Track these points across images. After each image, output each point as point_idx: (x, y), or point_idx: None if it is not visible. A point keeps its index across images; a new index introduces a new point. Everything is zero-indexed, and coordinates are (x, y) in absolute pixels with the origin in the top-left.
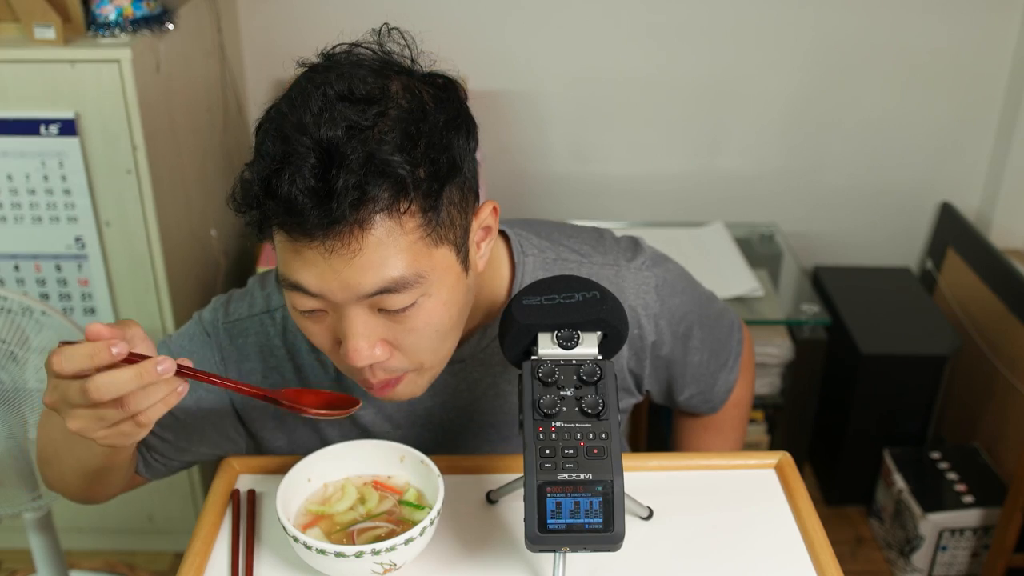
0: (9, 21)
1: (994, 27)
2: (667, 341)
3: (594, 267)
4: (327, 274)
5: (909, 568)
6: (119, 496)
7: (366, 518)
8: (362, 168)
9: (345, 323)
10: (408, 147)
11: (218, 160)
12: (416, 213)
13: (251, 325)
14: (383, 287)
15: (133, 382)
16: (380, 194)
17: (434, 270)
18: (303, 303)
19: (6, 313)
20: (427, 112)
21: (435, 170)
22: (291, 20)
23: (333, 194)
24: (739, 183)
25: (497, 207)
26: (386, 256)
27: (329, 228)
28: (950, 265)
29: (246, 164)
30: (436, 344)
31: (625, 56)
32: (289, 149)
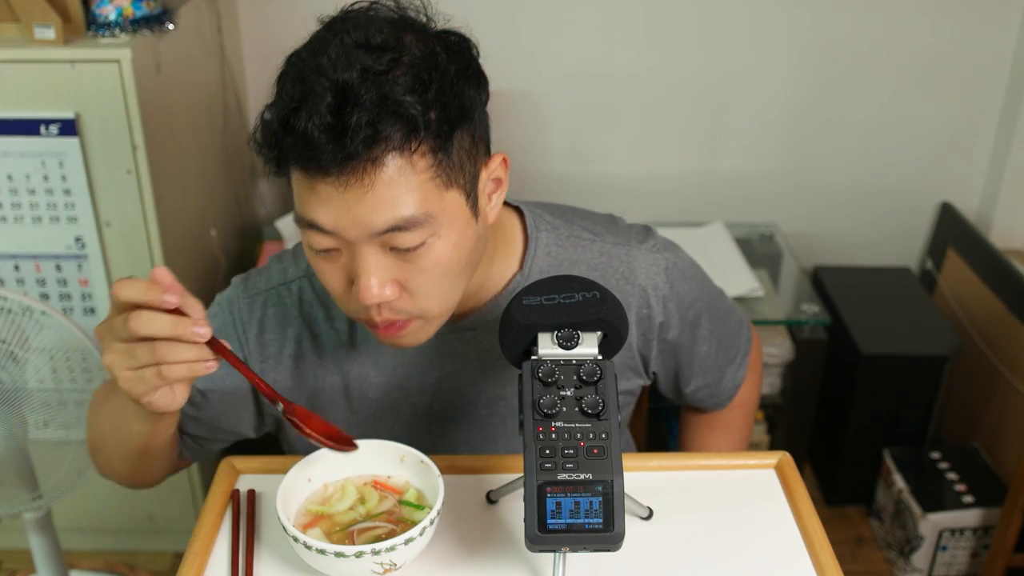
0: (9, 21)
1: (994, 27)
2: (675, 324)
3: (606, 245)
4: (341, 211)
5: (909, 568)
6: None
7: (366, 518)
8: (375, 107)
9: (358, 261)
10: (420, 90)
11: (218, 160)
12: (427, 153)
13: (269, 297)
14: (394, 225)
15: (168, 328)
16: (392, 133)
17: (444, 212)
18: (319, 242)
19: (6, 313)
20: (439, 61)
21: (446, 114)
22: (291, 20)
23: (347, 130)
24: (739, 183)
25: (507, 159)
26: (398, 194)
27: (343, 164)
28: (950, 265)
29: (266, 106)
30: (443, 288)
31: (625, 56)
32: (307, 89)
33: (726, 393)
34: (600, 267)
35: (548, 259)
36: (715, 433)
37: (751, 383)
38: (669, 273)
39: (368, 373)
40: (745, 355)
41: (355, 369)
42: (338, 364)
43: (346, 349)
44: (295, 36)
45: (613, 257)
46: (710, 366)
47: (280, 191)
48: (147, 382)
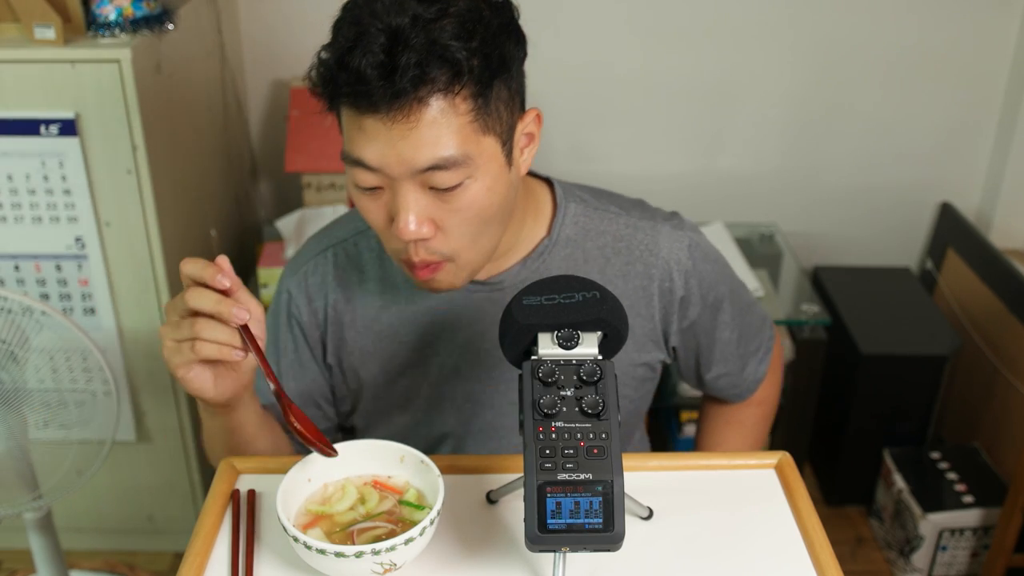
0: (9, 21)
1: (994, 27)
2: (696, 303)
3: (632, 219)
4: (386, 147)
5: (909, 568)
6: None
7: (366, 518)
8: (424, 50)
9: (398, 199)
10: (465, 38)
11: (218, 160)
12: (468, 98)
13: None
14: (434, 163)
15: (210, 304)
16: (438, 75)
17: (480, 155)
18: (364, 179)
19: (6, 313)
20: (483, 15)
21: (487, 63)
22: (291, 20)
23: (397, 69)
24: (739, 183)
25: (540, 115)
26: (439, 134)
27: (392, 101)
28: (950, 265)
29: (323, 47)
30: (476, 231)
31: (626, 56)
32: (362, 31)
33: (748, 385)
34: (625, 238)
35: (575, 228)
36: (731, 428)
37: (771, 382)
38: (692, 250)
39: (398, 333)
40: (768, 351)
41: (387, 330)
42: (370, 326)
43: (377, 310)
44: (295, 36)
45: (638, 230)
46: (731, 354)
47: (280, 191)
48: (182, 354)
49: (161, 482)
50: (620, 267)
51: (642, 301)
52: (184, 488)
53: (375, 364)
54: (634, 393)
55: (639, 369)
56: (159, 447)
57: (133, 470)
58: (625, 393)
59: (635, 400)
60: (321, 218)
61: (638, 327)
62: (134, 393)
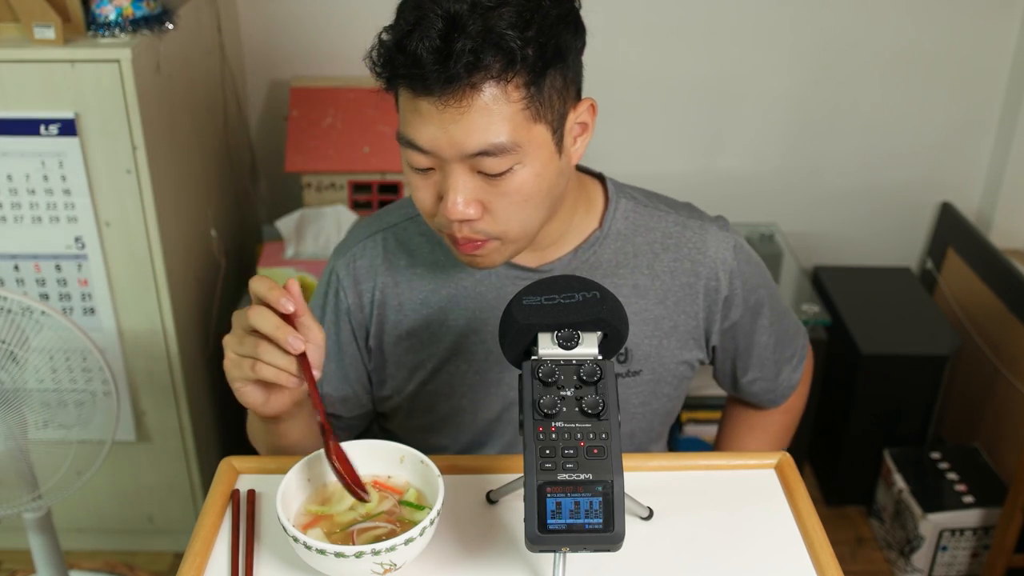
0: (9, 21)
1: (994, 27)
2: (739, 304)
3: (681, 217)
4: (439, 130)
5: (909, 568)
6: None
7: (366, 518)
8: (480, 37)
9: (448, 180)
10: (521, 27)
11: (218, 160)
12: (520, 86)
13: (358, 251)
14: (484, 149)
15: (271, 327)
16: (492, 63)
17: (530, 143)
18: (417, 160)
19: (6, 313)
20: (542, 5)
21: (542, 52)
22: (291, 20)
23: (452, 54)
24: (739, 183)
25: (595, 105)
26: (490, 121)
27: (446, 85)
28: (950, 265)
29: (384, 28)
30: (523, 214)
31: (625, 56)
32: (421, 15)
33: (781, 391)
34: (674, 236)
35: (626, 222)
36: (754, 433)
37: (800, 393)
38: (737, 251)
39: (447, 317)
40: (801, 360)
41: (435, 314)
42: (416, 310)
43: (425, 294)
44: (295, 36)
45: (687, 228)
46: (767, 359)
47: (280, 191)
48: (241, 370)
49: (161, 482)
50: (668, 263)
51: (688, 298)
52: (184, 488)
53: (422, 347)
54: (673, 391)
55: (680, 367)
56: (159, 447)
57: (133, 470)
58: (665, 391)
59: (672, 398)
60: (321, 218)
61: (682, 324)
62: (134, 393)
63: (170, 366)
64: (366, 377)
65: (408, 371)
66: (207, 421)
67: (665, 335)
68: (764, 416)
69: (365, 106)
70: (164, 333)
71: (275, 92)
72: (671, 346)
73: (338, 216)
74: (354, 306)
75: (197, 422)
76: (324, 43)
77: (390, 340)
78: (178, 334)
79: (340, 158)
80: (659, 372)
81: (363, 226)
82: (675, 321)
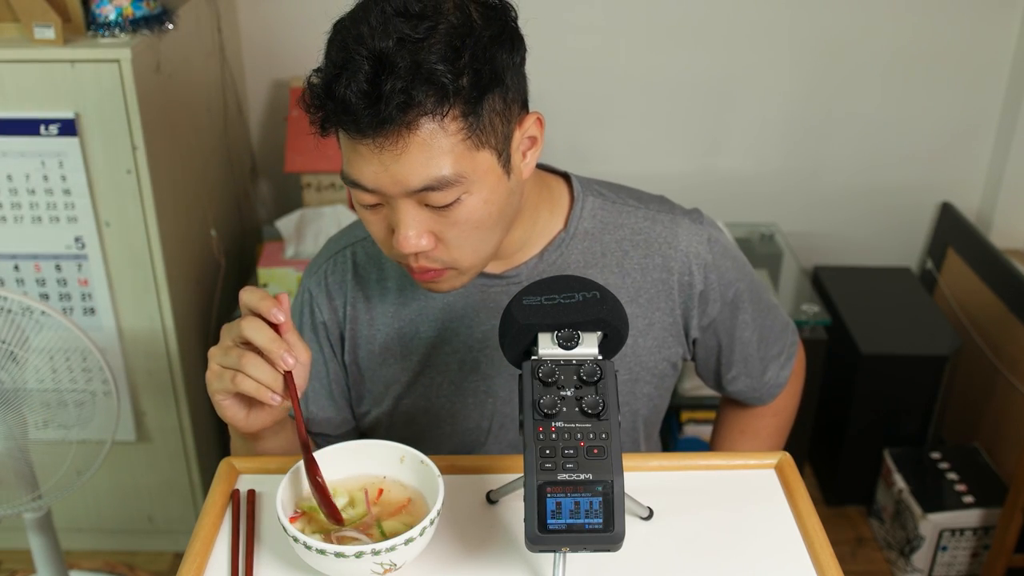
0: (9, 21)
1: (994, 27)
2: (715, 299)
3: (650, 211)
4: (379, 170)
5: (909, 568)
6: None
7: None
8: (409, 75)
9: (397, 215)
10: (452, 57)
11: (218, 160)
12: (458, 118)
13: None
14: (427, 184)
15: (265, 340)
16: (424, 99)
17: (475, 171)
18: (363, 198)
19: (6, 313)
20: (474, 27)
21: (477, 79)
22: (291, 20)
23: (382, 97)
24: (739, 183)
25: (542, 118)
26: (430, 156)
27: (379, 128)
28: (950, 265)
29: (313, 70)
30: (475, 241)
31: (625, 56)
32: (347, 57)
33: (768, 390)
34: (644, 231)
35: (593, 221)
36: (746, 437)
37: (791, 392)
38: (712, 245)
39: (418, 329)
40: (790, 358)
41: (406, 327)
42: (388, 324)
43: (396, 307)
44: (295, 36)
45: (657, 223)
46: (751, 355)
47: (280, 191)
48: (222, 381)
49: (161, 482)
50: (638, 260)
51: (662, 295)
52: (184, 488)
53: (395, 361)
54: (654, 391)
55: (660, 365)
56: (159, 447)
57: (133, 470)
58: (644, 391)
59: (655, 398)
60: (321, 218)
61: (658, 322)
62: (134, 393)
63: (170, 366)
64: (347, 390)
65: (384, 385)
66: (207, 421)
67: (640, 334)
68: (755, 419)
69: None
70: (164, 333)
71: (275, 92)
72: (647, 345)
73: (338, 216)
74: (329, 321)
75: (197, 422)
76: (324, 43)
77: (364, 354)
78: (178, 334)
79: (340, 158)
80: (636, 371)
81: (332, 241)
82: (650, 319)
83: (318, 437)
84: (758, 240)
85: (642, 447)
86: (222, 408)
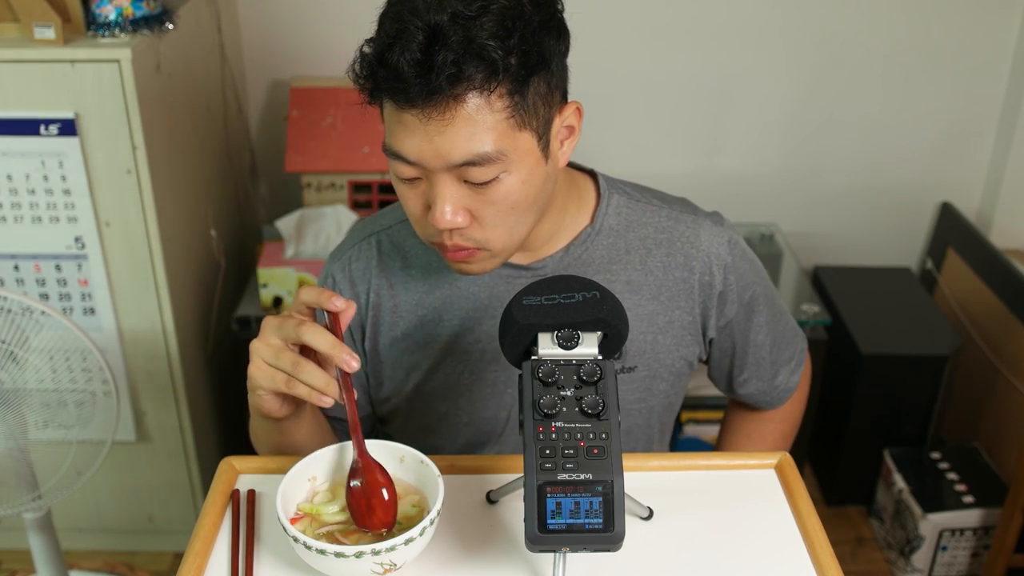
0: (9, 21)
1: (994, 27)
2: (733, 299)
3: (673, 211)
4: (423, 142)
5: (909, 568)
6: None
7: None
8: (461, 49)
9: (435, 189)
10: (503, 36)
11: (218, 160)
12: (504, 96)
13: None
14: (469, 159)
15: (326, 345)
16: (474, 74)
17: (516, 151)
18: (403, 171)
19: (6, 313)
20: (524, 11)
21: (525, 60)
22: (291, 20)
23: (434, 67)
24: (739, 183)
25: (581, 108)
26: (474, 131)
27: (428, 98)
28: (950, 265)
29: (366, 40)
30: (511, 222)
31: (625, 56)
32: (402, 28)
33: (778, 394)
34: (667, 230)
35: (618, 218)
36: (752, 441)
37: (797, 400)
38: (732, 247)
39: (441, 318)
40: (799, 364)
41: (429, 315)
42: (411, 311)
43: (420, 295)
44: (295, 36)
45: (680, 223)
46: (763, 359)
47: (280, 191)
48: (273, 382)
49: (161, 482)
50: (661, 258)
51: (682, 293)
52: (184, 488)
53: (417, 349)
54: (670, 389)
55: (677, 363)
56: (159, 447)
57: (133, 470)
58: (661, 388)
59: (670, 395)
60: (321, 218)
61: (677, 320)
62: (134, 393)
63: (170, 366)
64: (365, 378)
65: (404, 372)
66: (207, 421)
67: (660, 331)
68: (762, 423)
69: (365, 106)
70: (164, 333)
71: (275, 92)
72: (667, 342)
73: (338, 216)
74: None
75: (197, 422)
76: (324, 43)
77: (385, 342)
78: (178, 334)
79: (340, 158)
80: (655, 368)
81: (357, 229)
82: (670, 317)
83: (334, 422)
84: (758, 240)
85: (655, 446)
86: (261, 400)
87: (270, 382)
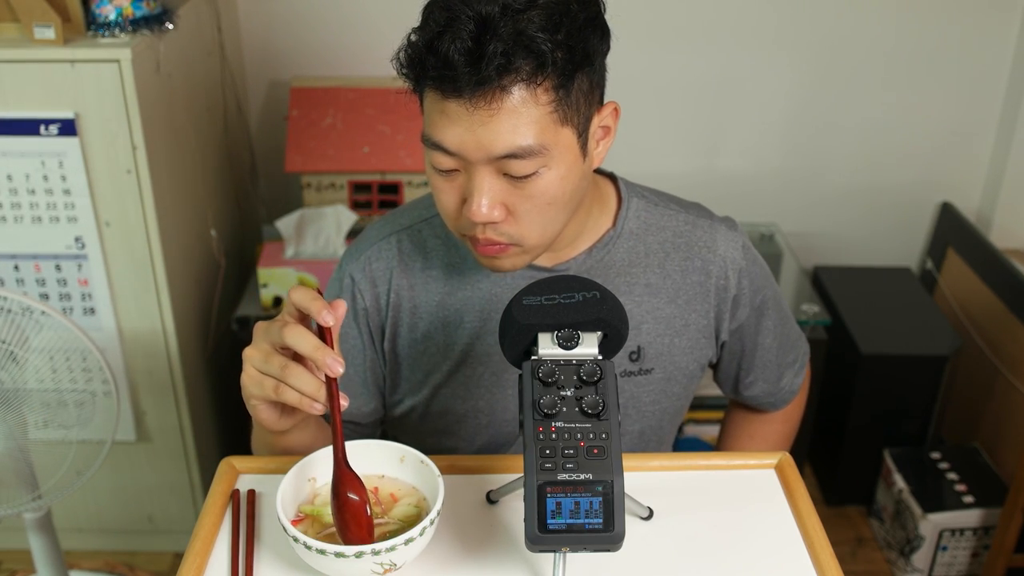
0: (9, 21)
1: (994, 27)
2: (745, 303)
3: (691, 216)
4: (465, 132)
5: (909, 568)
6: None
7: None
8: (511, 40)
9: (473, 181)
10: (551, 29)
11: (218, 160)
12: (549, 89)
13: (372, 253)
14: (511, 151)
15: (308, 348)
16: (523, 65)
17: (557, 146)
18: (442, 162)
19: (6, 313)
20: (571, 8)
21: (571, 56)
22: (291, 20)
23: (484, 57)
24: (739, 183)
25: (618, 108)
26: (518, 123)
27: (477, 88)
28: (950, 265)
29: (412, 29)
30: (546, 219)
31: (625, 56)
32: (452, 17)
33: (782, 396)
34: (685, 235)
35: (638, 221)
36: (754, 442)
37: (799, 402)
38: (745, 251)
39: (463, 319)
40: (803, 367)
41: (450, 316)
42: (432, 313)
43: (440, 296)
44: (295, 36)
45: (697, 227)
46: (770, 362)
47: (280, 191)
48: (262, 389)
49: (161, 482)
50: (679, 262)
51: (699, 297)
52: (184, 488)
53: (437, 350)
54: (682, 391)
55: (691, 366)
56: (159, 447)
57: (133, 470)
58: (675, 391)
59: (682, 398)
60: (321, 218)
61: (693, 323)
62: (134, 393)
63: (170, 366)
64: (382, 379)
65: (423, 374)
66: (207, 421)
67: (676, 334)
68: (764, 424)
69: (365, 106)
70: (164, 333)
71: (275, 92)
72: (683, 345)
73: (338, 216)
74: (371, 308)
75: (197, 422)
76: (324, 43)
77: (404, 343)
78: (178, 334)
79: (340, 158)
80: (670, 371)
81: (376, 228)
82: (686, 320)
83: (346, 425)
84: (758, 240)
85: (664, 448)
86: (256, 411)
87: (259, 389)
